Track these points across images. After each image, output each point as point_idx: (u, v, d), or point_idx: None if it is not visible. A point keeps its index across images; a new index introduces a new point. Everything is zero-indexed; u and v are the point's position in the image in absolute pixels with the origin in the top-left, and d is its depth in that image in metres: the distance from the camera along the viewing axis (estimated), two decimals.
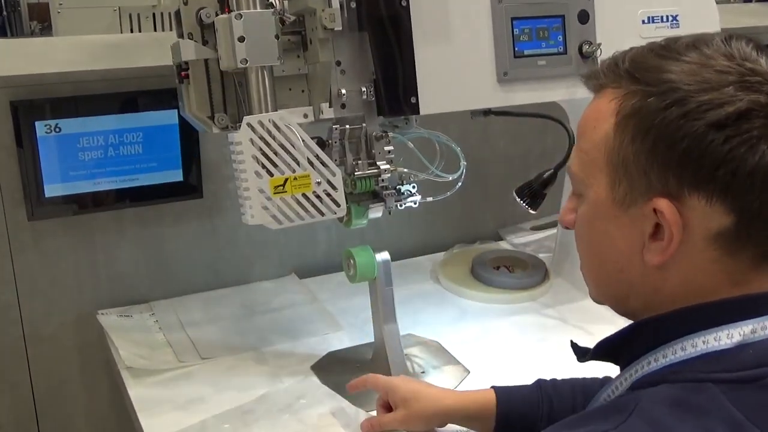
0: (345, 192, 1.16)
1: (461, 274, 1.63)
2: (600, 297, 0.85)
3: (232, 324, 1.47)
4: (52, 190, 1.35)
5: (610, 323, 0.84)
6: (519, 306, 1.53)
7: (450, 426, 1.12)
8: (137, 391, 1.27)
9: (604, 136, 0.76)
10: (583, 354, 0.88)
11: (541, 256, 1.68)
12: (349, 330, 1.45)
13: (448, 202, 1.31)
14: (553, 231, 1.77)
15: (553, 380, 1.11)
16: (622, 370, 0.81)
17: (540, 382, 1.11)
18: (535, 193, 1.33)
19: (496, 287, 1.57)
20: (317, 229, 1.65)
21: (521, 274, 1.61)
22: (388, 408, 1.14)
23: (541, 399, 1.08)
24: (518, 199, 1.34)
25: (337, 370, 1.32)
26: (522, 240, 1.80)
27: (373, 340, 1.32)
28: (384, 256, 1.26)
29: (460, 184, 1.28)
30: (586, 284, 0.87)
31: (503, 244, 1.81)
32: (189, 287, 1.57)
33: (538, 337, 1.42)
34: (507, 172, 1.80)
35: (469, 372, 1.30)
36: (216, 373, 1.32)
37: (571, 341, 0.90)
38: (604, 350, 0.84)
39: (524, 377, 1.12)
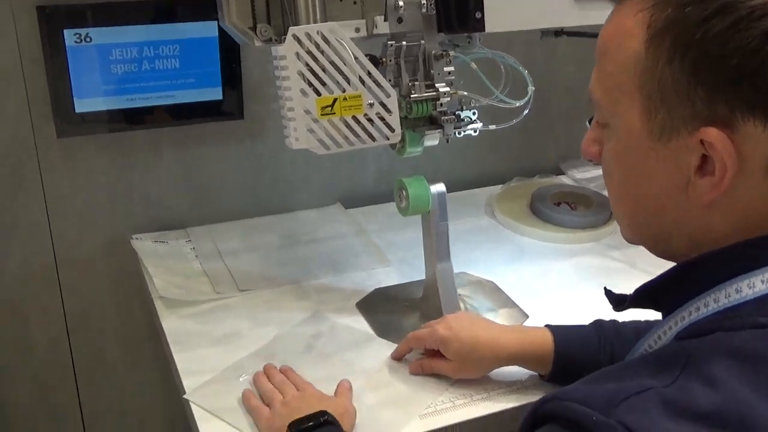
0: (399, 116, 1.05)
1: (519, 209, 1.51)
2: (636, 238, 0.76)
3: (273, 254, 1.38)
4: (83, 105, 1.26)
5: None
6: (581, 246, 1.42)
7: None
8: (171, 323, 1.19)
9: (632, 55, 0.65)
10: (619, 302, 0.79)
11: (605, 193, 1.55)
12: (398, 265, 1.35)
13: (506, 131, 1.19)
14: None
15: (614, 321, 1.01)
16: (665, 317, 0.71)
17: (599, 323, 1.02)
18: None
19: (557, 225, 1.45)
20: (366, 155, 1.54)
21: (584, 211, 1.49)
22: (435, 352, 1.05)
23: (602, 341, 0.98)
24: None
25: (385, 308, 1.22)
26: (585, 175, 1.67)
27: (423, 277, 1.21)
28: (439, 188, 1.14)
29: (526, 111, 1.15)
30: (618, 224, 0.77)
31: (564, 179, 1.69)
32: (228, 214, 1.48)
33: (603, 282, 1.28)
34: (572, 100, 1.66)
35: (527, 316, 1.20)
36: (254, 306, 1.23)
37: (605, 288, 0.81)
38: (645, 296, 0.74)
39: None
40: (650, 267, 1.31)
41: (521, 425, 0.67)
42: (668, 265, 0.74)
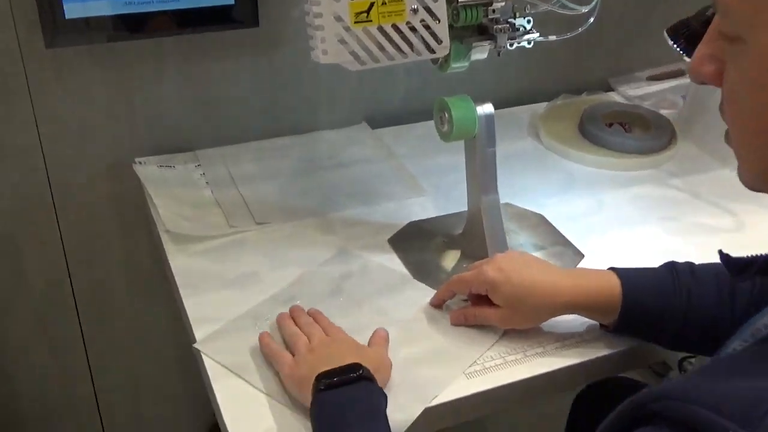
0: None
1: (567, 130, 1.35)
2: (764, 184, 0.59)
3: (293, 181, 1.23)
4: (74, 10, 1.08)
5: (756, 201, 0.59)
6: (639, 174, 1.26)
7: None
8: (179, 261, 1.05)
9: None
10: (742, 268, 0.64)
11: (664, 113, 1.39)
12: (434, 195, 1.20)
13: (548, 42, 1.02)
14: (676, 82, 1.47)
15: (690, 264, 0.87)
16: None
17: (672, 264, 0.87)
18: (694, 34, 1.03)
19: (611, 149, 1.29)
20: (396, 69, 1.37)
21: (641, 134, 1.33)
22: (481, 297, 0.91)
23: (677, 286, 0.84)
24: (671, 42, 1.04)
25: (421, 245, 1.08)
26: (637, 92, 1.49)
27: (463, 208, 1.07)
28: (487, 108, 0.99)
29: (592, 19, 0.99)
30: (740, 163, 0.61)
31: (614, 96, 1.51)
32: (241, 134, 1.31)
33: (665, 215, 1.15)
34: (624, 8, 1.47)
35: (582, 256, 1.06)
36: (273, 242, 1.09)
37: (720, 252, 0.66)
38: None
39: (650, 264, 0.90)
40: (717, 198, 1.17)
41: (615, 417, 0.54)
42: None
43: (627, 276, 0.86)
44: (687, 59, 1.06)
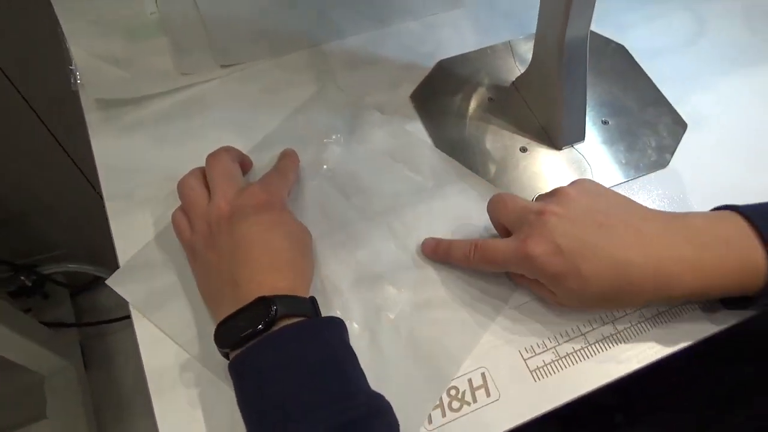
0: None
1: None
2: None
3: None
4: None
5: None
6: None
7: None
8: (104, 143, 0.71)
9: None
10: None
11: None
12: (478, 7, 0.83)
13: None
14: None
15: None
16: None
17: None
18: None
19: None
20: None
21: None
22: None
23: None
24: None
25: (446, 104, 0.75)
26: None
27: (525, 33, 0.74)
28: None
29: None
30: None
31: None
32: None
33: None
34: None
35: (684, 126, 0.74)
36: (245, 96, 0.75)
37: None
38: None
39: None
40: None
41: None
42: None
43: None
44: None
